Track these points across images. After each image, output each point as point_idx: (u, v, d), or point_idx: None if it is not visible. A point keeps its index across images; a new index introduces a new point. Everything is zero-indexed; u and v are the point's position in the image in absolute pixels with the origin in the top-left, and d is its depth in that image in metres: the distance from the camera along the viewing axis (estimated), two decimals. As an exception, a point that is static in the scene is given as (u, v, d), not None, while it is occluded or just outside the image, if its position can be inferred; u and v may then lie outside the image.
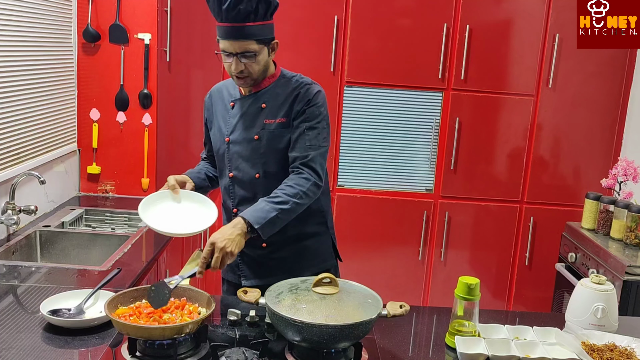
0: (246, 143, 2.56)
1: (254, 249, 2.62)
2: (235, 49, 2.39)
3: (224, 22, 2.36)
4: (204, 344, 2.07)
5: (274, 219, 2.31)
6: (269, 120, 2.53)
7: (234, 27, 2.36)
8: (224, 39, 2.40)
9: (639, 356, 2.13)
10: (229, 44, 2.39)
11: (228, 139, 2.60)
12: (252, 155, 2.55)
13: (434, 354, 2.25)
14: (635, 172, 3.91)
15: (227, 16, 2.34)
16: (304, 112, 2.51)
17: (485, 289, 4.69)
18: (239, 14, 2.32)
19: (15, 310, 2.40)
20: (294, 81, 2.60)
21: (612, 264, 3.55)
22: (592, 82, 4.51)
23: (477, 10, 4.40)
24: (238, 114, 2.59)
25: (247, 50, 2.39)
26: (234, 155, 2.60)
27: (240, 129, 2.58)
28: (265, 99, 2.55)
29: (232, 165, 2.60)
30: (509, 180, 4.65)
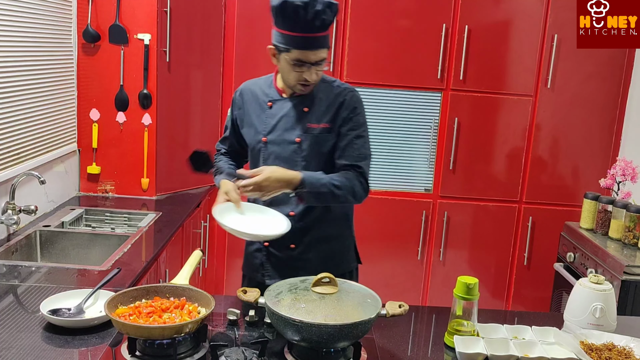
0: (286, 145, 2.58)
1: (282, 250, 2.65)
2: (313, 59, 2.42)
3: (303, 33, 2.37)
4: (204, 343, 2.07)
5: (322, 195, 2.44)
6: (312, 124, 2.56)
7: (314, 38, 2.38)
8: (302, 49, 2.40)
9: (637, 355, 2.13)
10: (308, 54, 2.41)
11: (265, 139, 2.60)
12: (291, 157, 2.57)
13: (433, 353, 2.25)
14: (634, 172, 3.91)
15: (309, 27, 2.35)
16: (351, 120, 2.57)
17: (484, 289, 4.70)
18: (321, 24, 2.36)
19: (15, 310, 2.40)
20: (335, 86, 2.62)
21: (611, 264, 3.55)
22: (591, 82, 4.51)
23: (476, 10, 4.39)
24: (278, 115, 2.59)
25: (322, 59, 2.44)
26: (270, 155, 2.61)
27: (279, 130, 2.58)
28: (308, 103, 2.57)
29: (266, 164, 2.58)
30: (507, 180, 4.65)
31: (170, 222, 3.70)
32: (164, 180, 4.25)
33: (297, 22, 2.35)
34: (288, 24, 2.38)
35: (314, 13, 2.32)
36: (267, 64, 4.38)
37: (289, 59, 2.43)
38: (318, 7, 2.32)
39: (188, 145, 4.43)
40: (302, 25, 2.35)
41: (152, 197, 4.19)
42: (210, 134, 4.54)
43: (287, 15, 2.36)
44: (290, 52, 2.41)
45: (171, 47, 4.09)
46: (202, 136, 4.48)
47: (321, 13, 2.33)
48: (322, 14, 2.33)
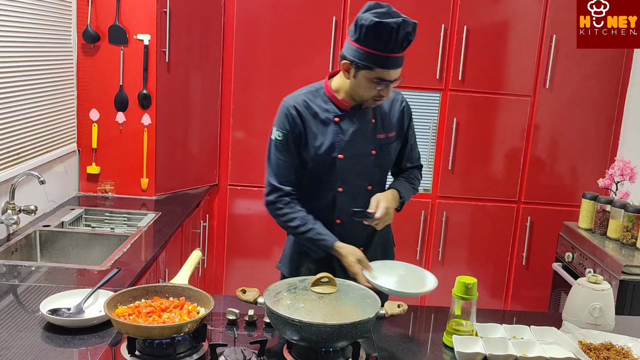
0: (361, 158, 2.59)
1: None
2: (394, 77, 2.43)
3: (390, 53, 2.36)
4: (203, 343, 2.07)
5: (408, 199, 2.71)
6: (381, 135, 2.61)
7: (399, 57, 2.39)
8: (385, 68, 2.39)
9: (635, 355, 2.14)
10: (393, 73, 2.41)
11: (342, 156, 2.56)
12: (364, 169, 2.60)
13: (432, 353, 2.26)
14: (632, 172, 3.91)
15: (399, 47, 2.36)
16: (410, 127, 2.73)
17: (483, 289, 4.69)
18: (408, 45, 2.38)
19: (15, 310, 2.40)
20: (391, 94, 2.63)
21: (609, 264, 3.55)
22: (589, 82, 4.52)
23: (474, 11, 4.40)
24: (349, 130, 2.56)
25: (400, 76, 2.45)
26: (347, 171, 2.59)
27: (354, 145, 2.57)
28: (373, 115, 2.60)
29: (342, 180, 2.59)
30: (506, 180, 4.66)
31: (170, 222, 3.70)
32: (163, 180, 4.26)
33: (387, 42, 2.34)
34: (377, 44, 2.35)
35: (404, 35, 2.32)
36: (266, 64, 4.42)
37: (370, 77, 2.41)
38: (408, 28, 2.32)
39: (187, 145, 4.43)
40: (392, 46, 2.34)
41: (152, 197, 4.19)
42: (209, 134, 4.55)
43: (379, 36, 2.33)
44: (373, 71, 2.39)
45: (171, 47, 4.09)
46: (201, 136, 4.49)
47: (409, 35, 2.34)
48: (410, 36, 2.35)
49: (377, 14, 2.33)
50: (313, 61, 4.44)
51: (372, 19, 2.30)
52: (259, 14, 4.40)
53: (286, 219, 2.59)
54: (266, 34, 4.43)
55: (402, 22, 2.30)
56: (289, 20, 4.39)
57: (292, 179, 2.59)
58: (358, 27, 2.36)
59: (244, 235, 4.69)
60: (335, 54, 4.41)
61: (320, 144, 2.56)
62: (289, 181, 2.59)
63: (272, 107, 4.47)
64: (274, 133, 2.58)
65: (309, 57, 4.44)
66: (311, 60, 4.44)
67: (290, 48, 4.43)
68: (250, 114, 4.52)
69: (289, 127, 2.55)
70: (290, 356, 2.05)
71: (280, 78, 4.44)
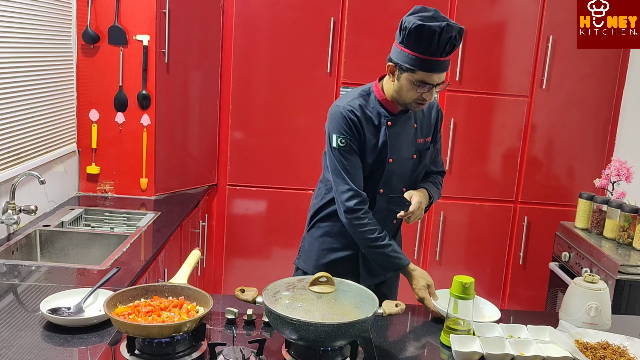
0: (405, 162, 2.63)
1: None
2: (437, 81, 2.42)
3: (433, 57, 2.35)
4: (202, 342, 2.07)
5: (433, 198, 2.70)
6: (421, 139, 2.66)
7: (442, 61, 2.38)
8: (428, 71, 2.38)
9: (631, 354, 2.15)
10: (437, 77, 2.40)
11: (391, 160, 2.59)
12: (404, 172, 2.64)
13: (430, 352, 2.26)
14: (628, 172, 3.93)
15: (444, 51, 2.35)
16: (438, 130, 2.75)
17: (480, 288, 4.72)
18: (451, 49, 2.37)
19: (15, 309, 2.40)
20: None
21: (605, 263, 3.56)
22: (586, 83, 4.53)
23: (471, 12, 4.41)
24: (399, 134, 2.59)
25: (443, 81, 2.45)
26: (391, 174, 2.61)
27: (401, 149, 2.60)
28: (415, 119, 2.64)
29: (383, 182, 2.61)
30: (503, 180, 4.67)
31: (169, 222, 3.71)
32: (162, 180, 4.26)
33: (430, 46, 2.33)
34: (420, 47, 2.35)
35: (447, 39, 2.31)
36: (265, 65, 4.44)
37: (413, 80, 2.41)
38: (452, 33, 2.31)
39: (186, 145, 4.44)
40: (434, 49, 2.33)
41: (151, 197, 4.20)
42: (208, 135, 4.56)
43: (422, 38, 2.33)
44: (416, 74, 2.39)
45: (170, 48, 4.09)
46: (200, 136, 4.50)
47: (453, 39, 2.33)
48: (454, 40, 2.33)
49: (421, 17, 2.33)
50: (311, 62, 4.45)
51: (415, 21, 2.31)
52: (258, 15, 4.41)
53: (366, 229, 2.54)
54: (265, 34, 4.44)
55: (446, 26, 2.30)
56: (288, 20, 4.40)
57: (362, 184, 2.57)
58: (402, 30, 2.37)
59: (242, 235, 4.70)
60: (334, 55, 4.42)
61: (374, 147, 2.57)
62: (362, 186, 2.57)
63: (271, 107, 4.53)
64: (335, 140, 2.52)
65: (307, 57, 4.45)
66: (310, 60, 4.45)
67: (288, 48, 4.44)
68: (249, 114, 4.53)
69: (350, 131, 2.52)
70: (288, 355, 2.05)
71: (279, 78, 4.45)
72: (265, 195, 4.63)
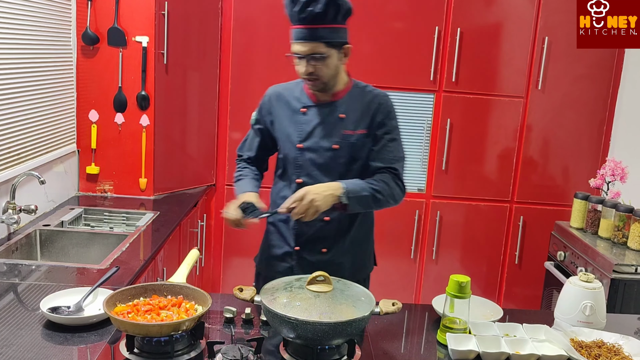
0: (322, 151, 2.57)
1: (314, 254, 2.66)
2: (304, 51, 2.41)
3: (296, 25, 2.40)
4: (201, 340, 2.08)
5: (365, 199, 2.43)
6: (349, 131, 2.55)
7: (304, 30, 2.39)
8: (295, 40, 2.42)
9: (626, 352, 2.15)
10: (300, 46, 2.42)
11: (301, 146, 2.59)
12: (328, 163, 2.56)
13: (426, 350, 2.27)
14: (623, 172, 3.94)
15: (298, 18, 2.37)
16: (385, 124, 2.57)
17: (476, 287, 4.73)
18: (309, 16, 2.35)
19: (15, 308, 2.42)
20: (368, 91, 2.62)
21: (600, 263, 3.57)
22: (581, 84, 4.54)
23: (468, 13, 4.42)
24: (314, 122, 2.58)
25: (315, 52, 2.40)
26: (306, 162, 2.59)
27: (316, 137, 2.57)
28: (344, 110, 2.56)
29: (302, 171, 2.60)
30: (499, 180, 4.68)
31: (168, 222, 3.72)
32: (161, 180, 4.27)
33: (292, 14, 2.39)
34: (290, 17, 2.42)
35: (304, 4, 2.33)
36: (263, 66, 4.45)
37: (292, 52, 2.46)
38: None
39: (185, 145, 4.46)
40: (296, 17, 2.38)
41: (150, 197, 4.21)
42: (207, 135, 4.58)
43: (288, 8, 2.41)
44: (292, 45, 2.44)
45: (169, 49, 4.10)
46: (199, 137, 4.51)
47: (308, 4, 2.33)
48: (309, 6, 2.33)
49: None
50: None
51: None
52: (256, 16, 4.41)
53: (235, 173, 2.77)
54: (263, 35, 4.44)
55: None
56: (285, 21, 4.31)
57: (252, 155, 2.79)
58: None
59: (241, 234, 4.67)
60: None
61: (285, 131, 2.64)
62: (249, 154, 2.79)
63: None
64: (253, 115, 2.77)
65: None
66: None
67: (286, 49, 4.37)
68: (247, 114, 4.47)
69: (260, 111, 2.74)
70: (286, 353, 2.07)
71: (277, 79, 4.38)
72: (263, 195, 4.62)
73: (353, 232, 2.68)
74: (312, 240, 2.63)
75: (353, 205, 2.42)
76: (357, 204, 2.44)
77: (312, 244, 2.62)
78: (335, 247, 2.65)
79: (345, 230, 2.66)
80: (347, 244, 2.67)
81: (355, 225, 2.67)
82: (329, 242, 2.65)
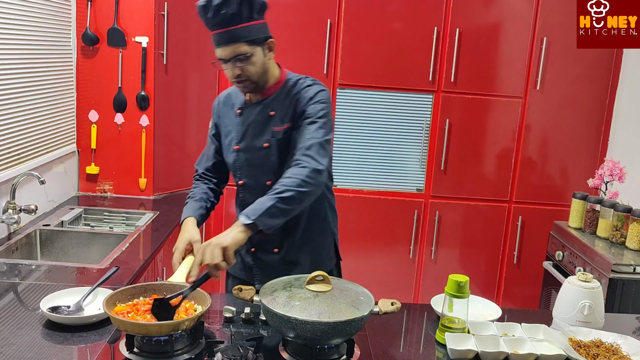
0: (256, 151, 2.54)
1: (267, 254, 2.65)
2: (227, 54, 2.36)
3: (214, 30, 2.36)
4: (200, 340, 2.08)
5: (271, 209, 2.20)
6: (277, 127, 2.49)
7: (222, 33, 2.34)
8: (216, 46, 2.38)
9: (624, 352, 2.14)
10: (221, 50, 2.36)
11: (237, 147, 2.58)
12: (262, 163, 2.52)
13: (425, 350, 2.26)
14: (621, 172, 3.94)
15: (213, 23, 2.33)
16: (305, 111, 2.46)
17: (475, 287, 4.70)
18: (224, 18, 2.31)
19: (15, 307, 2.42)
20: (299, 84, 2.54)
21: (599, 262, 3.57)
22: (579, 84, 4.54)
23: (466, 14, 4.42)
24: (247, 122, 2.56)
25: (238, 54, 2.35)
26: (243, 163, 2.59)
27: (249, 137, 2.55)
28: (274, 106, 2.52)
29: (242, 173, 2.59)
30: (497, 180, 4.68)
31: (167, 221, 3.73)
32: (161, 180, 4.29)
33: (206, 20, 2.36)
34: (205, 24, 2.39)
35: (216, 8, 2.30)
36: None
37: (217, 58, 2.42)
38: (216, 1, 2.30)
39: (185, 145, 4.46)
40: (210, 22, 2.35)
41: (150, 197, 4.23)
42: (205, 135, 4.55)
43: (200, 15, 2.38)
44: (215, 51, 2.40)
45: (168, 49, 4.12)
46: (197, 137, 4.51)
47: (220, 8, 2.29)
48: (221, 9, 2.29)
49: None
50: (308, 63, 4.46)
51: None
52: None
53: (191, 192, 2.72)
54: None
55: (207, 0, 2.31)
56: (284, 22, 4.41)
57: (209, 165, 2.76)
58: None
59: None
60: (330, 56, 4.45)
61: (227, 134, 2.64)
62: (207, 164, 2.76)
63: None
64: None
65: (304, 58, 4.46)
66: (306, 62, 4.46)
67: (285, 49, 4.39)
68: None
69: (213, 117, 2.73)
70: (285, 353, 2.06)
71: None
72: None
73: (303, 229, 2.62)
74: (264, 241, 2.60)
75: (265, 222, 2.21)
76: (269, 217, 2.21)
77: (264, 244, 2.60)
78: (287, 246, 2.63)
79: (292, 228, 2.60)
80: (298, 242, 2.63)
81: (303, 221, 2.61)
82: (279, 242, 2.62)
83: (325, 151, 2.39)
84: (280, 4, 4.40)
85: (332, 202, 2.76)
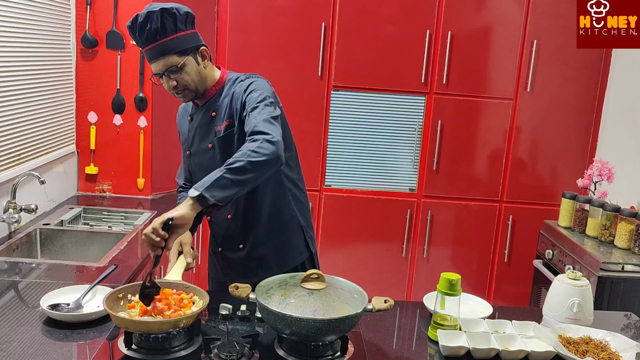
0: (203, 153, 2.57)
1: (233, 252, 2.67)
2: (160, 68, 2.37)
3: (144, 47, 2.37)
4: (197, 337, 2.10)
5: (220, 179, 2.11)
6: (218, 127, 2.50)
7: (151, 48, 2.34)
8: (150, 62, 2.39)
9: (613, 349, 2.17)
10: (154, 65, 2.37)
11: (189, 152, 2.64)
12: (210, 164, 2.51)
13: (417, 346, 2.29)
14: (610, 173, 3.97)
15: (142, 40, 2.35)
16: (244, 103, 2.43)
17: (466, 285, 4.70)
18: (150, 34, 2.32)
19: (16, 305, 2.44)
20: (236, 82, 2.54)
21: (588, 261, 3.60)
22: (569, 86, 4.56)
23: (458, 17, 4.44)
24: (194, 127, 2.60)
25: (170, 65, 2.36)
26: (195, 167, 2.63)
27: (197, 140, 2.59)
28: (215, 107, 2.53)
29: (196, 176, 2.60)
30: (489, 180, 4.70)
31: (165, 221, 3.75)
32: (159, 180, 4.31)
33: (136, 40, 2.38)
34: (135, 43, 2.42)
35: (139, 26, 2.32)
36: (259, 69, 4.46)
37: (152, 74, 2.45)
38: (140, 19, 2.31)
39: (181, 146, 4.49)
40: (139, 40, 2.36)
41: (148, 197, 4.25)
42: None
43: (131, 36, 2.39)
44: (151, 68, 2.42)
45: (165, 52, 4.14)
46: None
47: (144, 25, 2.31)
48: (145, 26, 2.30)
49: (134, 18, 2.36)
50: (303, 65, 4.49)
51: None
52: (251, 20, 4.44)
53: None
54: (258, 39, 4.47)
55: (135, 17, 2.33)
56: (280, 25, 4.44)
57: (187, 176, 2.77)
58: None
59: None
60: (325, 59, 4.46)
61: (184, 142, 2.70)
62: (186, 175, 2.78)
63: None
64: None
65: (299, 61, 4.49)
66: (301, 64, 4.49)
67: (281, 53, 4.47)
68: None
69: (178, 128, 2.75)
70: (281, 350, 2.08)
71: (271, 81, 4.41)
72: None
73: (264, 224, 2.59)
74: (228, 239, 2.64)
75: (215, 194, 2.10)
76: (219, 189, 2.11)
77: (229, 242, 2.63)
78: (250, 242, 2.63)
79: (253, 223, 2.59)
80: (262, 237, 2.62)
81: (264, 216, 2.58)
82: (243, 238, 2.63)
83: (274, 125, 2.29)
84: (275, 8, 4.42)
85: (299, 196, 2.70)
